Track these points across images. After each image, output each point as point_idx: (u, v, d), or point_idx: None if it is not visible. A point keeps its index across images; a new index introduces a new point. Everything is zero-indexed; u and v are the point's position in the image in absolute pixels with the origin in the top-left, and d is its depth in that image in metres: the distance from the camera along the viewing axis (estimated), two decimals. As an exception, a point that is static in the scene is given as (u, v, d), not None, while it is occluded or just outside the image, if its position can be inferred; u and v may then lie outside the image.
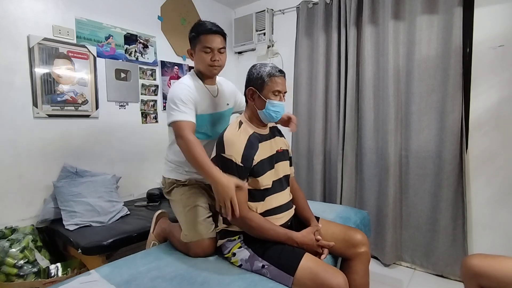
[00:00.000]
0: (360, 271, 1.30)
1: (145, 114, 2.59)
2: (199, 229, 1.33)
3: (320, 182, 2.61)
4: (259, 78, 1.23)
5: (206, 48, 1.35)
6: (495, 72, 1.89)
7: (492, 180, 1.95)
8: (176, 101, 1.29)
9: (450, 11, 1.95)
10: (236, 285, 1.07)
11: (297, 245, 1.16)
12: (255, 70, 1.25)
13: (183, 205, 1.42)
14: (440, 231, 2.05)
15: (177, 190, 1.47)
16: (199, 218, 1.37)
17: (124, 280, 1.11)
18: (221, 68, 1.43)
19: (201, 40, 1.35)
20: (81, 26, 2.16)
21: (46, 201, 1.99)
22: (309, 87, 2.69)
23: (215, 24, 1.39)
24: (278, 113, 1.25)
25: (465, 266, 1.18)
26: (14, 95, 1.87)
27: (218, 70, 1.41)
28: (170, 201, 1.54)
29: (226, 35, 1.43)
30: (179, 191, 1.46)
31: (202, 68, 1.40)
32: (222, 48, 1.38)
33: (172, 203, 1.51)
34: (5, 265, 1.62)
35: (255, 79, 1.24)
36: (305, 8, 2.66)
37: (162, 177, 1.56)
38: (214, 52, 1.36)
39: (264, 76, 1.22)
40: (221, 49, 1.38)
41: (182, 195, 1.44)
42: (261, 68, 1.24)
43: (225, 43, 1.41)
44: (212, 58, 1.36)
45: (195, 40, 1.38)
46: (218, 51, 1.37)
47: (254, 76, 1.24)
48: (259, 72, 1.23)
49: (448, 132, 1.99)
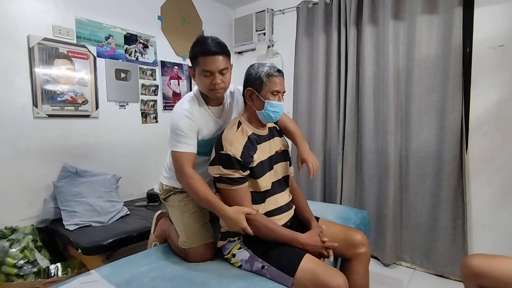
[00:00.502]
0: (360, 272, 1.29)
1: (145, 114, 2.59)
2: (198, 234, 1.33)
3: (320, 182, 2.61)
4: (258, 78, 1.21)
5: (205, 71, 1.22)
6: (495, 72, 1.89)
7: (492, 180, 1.95)
8: (177, 131, 1.23)
9: (450, 11, 1.95)
10: (236, 285, 1.07)
11: (301, 246, 1.15)
12: (253, 70, 1.23)
13: (181, 211, 1.39)
14: (440, 231, 2.05)
15: (175, 196, 1.44)
16: (198, 223, 1.37)
17: (124, 280, 1.11)
18: (225, 90, 1.30)
19: (200, 62, 1.22)
20: (81, 26, 2.16)
21: (46, 201, 1.99)
22: (309, 87, 2.69)
23: (216, 41, 1.24)
24: (277, 113, 1.24)
25: (465, 266, 1.18)
26: (14, 95, 1.87)
27: (221, 93, 1.29)
28: (167, 207, 1.51)
29: (229, 53, 1.28)
30: (177, 197, 1.43)
31: (204, 91, 1.29)
32: (224, 69, 1.23)
33: (170, 209, 1.48)
34: (5, 265, 1.62)
35: (253, 79, 1.22)
36: (305, 8, 2.66)
37: (160, 183, 1.52)
38: (214, 75, 1.22)
39: (263, 76, 1.20)
40: (223, 70, 1.23)
41: (180, 202, 1.41)
42: (259, 68, 1.22)
43: (228, 61, 1.26)
44: (213, 82, 1.22)
45: (194, 61, 1.26)
46: (220, 73, 1.23)
47: (252, 77, 1.22)
48: (257, 72, 1.21)
49: (448, 132, 1.99)
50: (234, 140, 1.18)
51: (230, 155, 1.15)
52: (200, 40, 1.26)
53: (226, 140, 1.19)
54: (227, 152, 1.16)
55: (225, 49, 1.25)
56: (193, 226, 1.35)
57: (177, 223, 1.41)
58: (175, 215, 1.42)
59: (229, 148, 1.16)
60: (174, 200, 1.44)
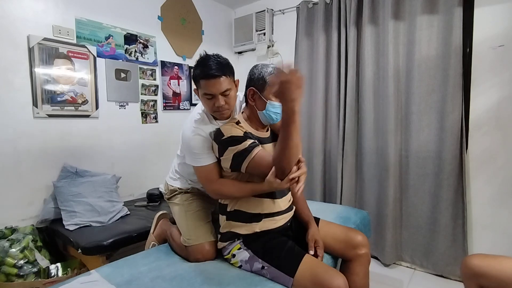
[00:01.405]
0: (360, 273, 1.29)
1: (145, 114, 2.59)
2: (201, 232, 1.34)
3: (320, 182, 2.61)
4: (261, 78, 1.20)
5: (207, 94, 1.22)
6: (495, 72, 1.89)
7: (492, 180, 1.95)
8: (193, 151, 1.25)
9: (450, 11, 1.95)
10: (236, 285, 1.07)
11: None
12: (256, 71, 1.22)
13: (185, 209, 1.42)
14: (440, 231, 2.05)
15: (179, 196, 1.48)
16: (201, 221, 1.39)
17: (124, 280, 1.11)
18: (230, 110, 1.28)
19: (202, 85, 1.21)
20: (81, 26, 2.16)
21: (46, 201, 1.99)
22: (309, 87, 2.69)
23: (218, 62, 1.21)
24: (278, 114, 1.22)
25: (465, 266, 1.18)
26: (14, 95, 1.87)
27: (226, 114, 1.28)
28: (170, 205, 1.53)
29: (233, 71, 1.26)
30: (182, 197, 1.47)
31: (209, 112, 1.30)
32: (226, 91, 1.21)
33: (173, 208, 1.50)
34: (5, 265, 1.62)
35: (256, 79, 1.21)
36: (305, 8, 2.66)
37: (165, 183, 1.57)
38: (217, 98, 1.21)
39: (266, 76, 1.19)
40: (225, 92, 1.21)
41: (184, 201, 1.45)
42: (262, 69, 1.21)
43: (231, 81, 1.24)
44: (216, 104, 1.22)
45: (197, 83, 1.26)
46: (222, 94, 1.21)
47: (256, 77, 1.21)
48: (260, 73, 1.20)
49: (448, 132, 1.99)
50: (232, 129, 1.19)
51: (234, 135, 1.16)
52: (201, 61, 1.23)
53: (224, 130, 1.19)
54: (230, 134, 1.16)
55: (227, 70, 1.22)
56: (197, 224, 1.37)
57: (180, 221, 1.43)
58: (179, 213, 1.44)
59: (230, 132, 1.17)
60: (178, 199, 1.47)
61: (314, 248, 1.22)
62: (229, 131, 1.18)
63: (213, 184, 1.25)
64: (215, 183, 1.25)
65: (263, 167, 1.11)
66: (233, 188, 1.21)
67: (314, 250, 1.22)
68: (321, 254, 1.22)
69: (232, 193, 1.22)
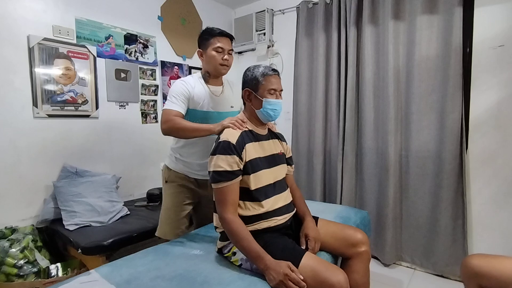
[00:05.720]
0: (361, 270, 1.29)
1: (145, 114, 2.59)
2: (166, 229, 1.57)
3: (320, 182, 2.61)
4: (254, 78, 1.26)
5: (218, 48, 1.47)
6: (495, 72, 1.89)
7: (492, 180, 1.94)
8: (171, 94, 1.45)
9: (450, 11, 1.95)
10: (236, 285, 1.07)
11: (263, 267, 1.07)
12: (249, 72, 1.30)
13: (166, 203, 1.60)
14: (440, 231, 2.05)
15: (168, 186, 1.60)
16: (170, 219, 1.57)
17: (124, 280, 1.11)
18: (229, 68, 1.54)
19: (214, 41, 1.47)
20: (81, 26, 2.16)
21: (46, 201, 1.99)
22: (309, 87, 2.69)
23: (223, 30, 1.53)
24: (275, 111, 1.27)
25: (465, 266, 1.18)
26: (14, 95, 1.87)
27: (226, 70, 1.53)
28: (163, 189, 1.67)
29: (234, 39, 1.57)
30: (170, 187, 1.59)
31: (211, 67, 1.50)
32: (231, 50, 1.51)
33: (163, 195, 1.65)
34: (5, 265, 1.62)
35: (249, 80, 1.28)
36: (305, 8, 2.66)
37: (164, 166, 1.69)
38: (225, 52, 1.48)
39: (258, 76, 1.25)
40: (230, 50, 1.51)
41: (171, 194, 1.59)
42: (254, 69, 1.28)
43: (232, 46, 1.55)
44: (223, 57, 1.48)
45: (207, 42, 1.49)
46: (228, 52, 1.49)
47: (248, 78, 1.28)
48: (253, 73, 1.27)
49: (448, 132, 1.99)
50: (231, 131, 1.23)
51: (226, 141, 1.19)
52: (211, 27, 1.51)
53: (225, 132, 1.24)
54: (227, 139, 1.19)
55: (232, 36, 1.55)
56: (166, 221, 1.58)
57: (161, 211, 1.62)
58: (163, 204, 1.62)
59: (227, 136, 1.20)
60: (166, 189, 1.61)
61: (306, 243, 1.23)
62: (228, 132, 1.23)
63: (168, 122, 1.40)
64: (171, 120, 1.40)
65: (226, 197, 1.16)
66: (184, 122, 1.38)
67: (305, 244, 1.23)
68: (312, 246, 1.22)
69: (181, 125, 1.36)
